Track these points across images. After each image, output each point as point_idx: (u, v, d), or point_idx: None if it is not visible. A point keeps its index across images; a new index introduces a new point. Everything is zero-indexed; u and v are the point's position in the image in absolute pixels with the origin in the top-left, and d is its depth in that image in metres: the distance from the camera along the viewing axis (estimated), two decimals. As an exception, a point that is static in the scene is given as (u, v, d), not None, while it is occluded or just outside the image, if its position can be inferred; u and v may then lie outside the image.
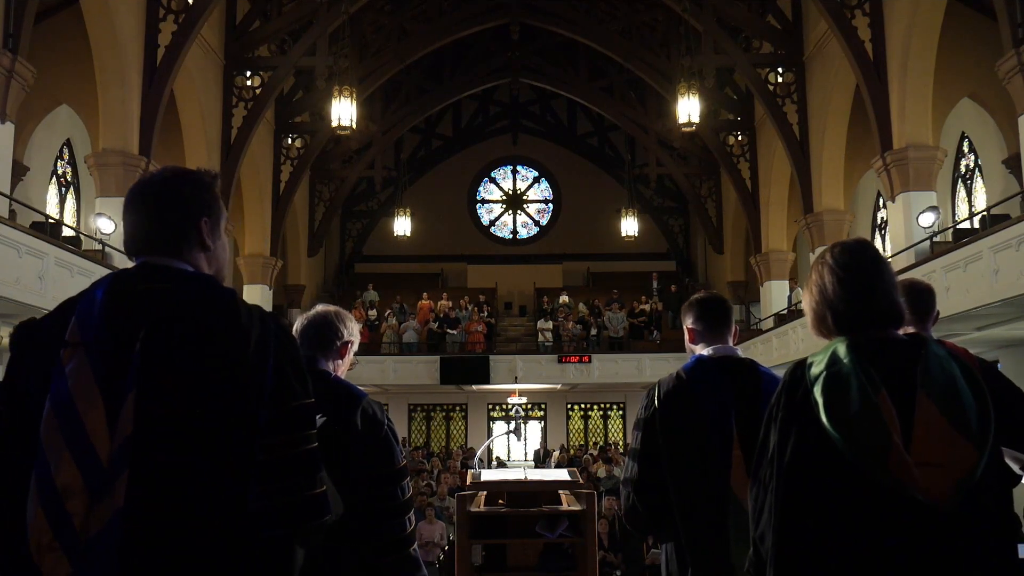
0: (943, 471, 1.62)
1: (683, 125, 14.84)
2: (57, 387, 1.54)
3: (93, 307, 1.60)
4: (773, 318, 17.87)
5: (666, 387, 2.81)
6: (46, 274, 9.47)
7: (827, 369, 1.74)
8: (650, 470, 2.74)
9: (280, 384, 1.60)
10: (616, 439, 22.51)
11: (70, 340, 1.57)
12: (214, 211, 1.75)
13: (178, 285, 1.64)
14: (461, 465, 15.40)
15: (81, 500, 1.48)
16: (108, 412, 1.51)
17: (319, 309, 2.72)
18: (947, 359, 1.76)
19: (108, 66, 12.80)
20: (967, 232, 11.97)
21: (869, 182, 17.87)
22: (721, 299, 3.03)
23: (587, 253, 26.03)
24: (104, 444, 1.50)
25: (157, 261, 1.68)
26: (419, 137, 26.52)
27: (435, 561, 10.77)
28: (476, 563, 4.11)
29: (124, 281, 1.65)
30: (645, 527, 2.87)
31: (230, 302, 1.63)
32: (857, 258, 1.84)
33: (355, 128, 15.13)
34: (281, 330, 1.66)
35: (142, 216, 1.71)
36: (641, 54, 19.20)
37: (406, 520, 2.54)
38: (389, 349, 20.76)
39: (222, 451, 1.52)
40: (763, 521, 1.75)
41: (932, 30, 12.38)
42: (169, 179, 1.73)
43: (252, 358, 1.58)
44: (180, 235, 1.70)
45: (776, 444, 1.75)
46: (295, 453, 1.61)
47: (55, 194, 16.35)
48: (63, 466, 1.49)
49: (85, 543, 1.47)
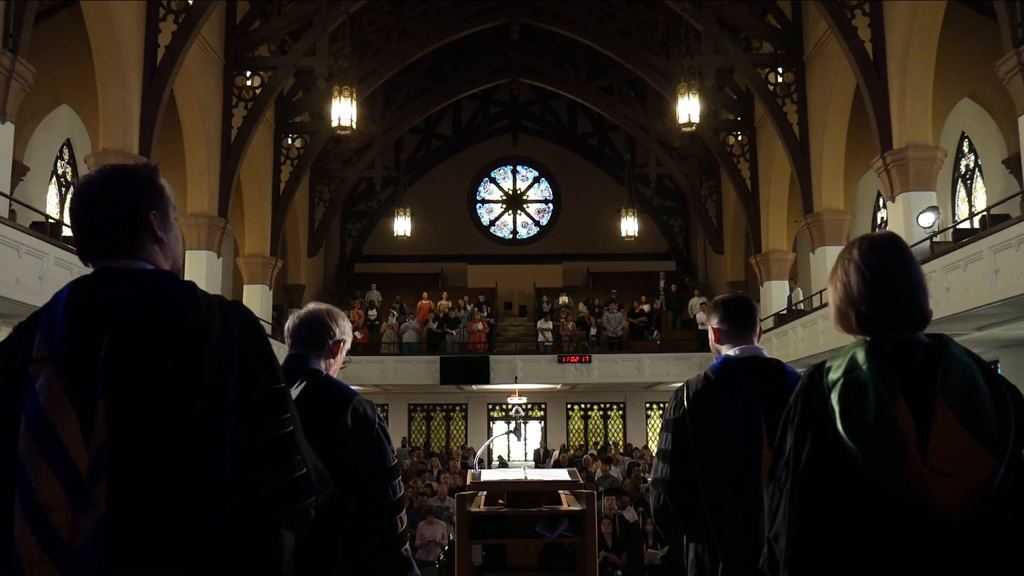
0: (958, 480, 1.61)
1: (683, 125, 14.85)
2: (29, 404, 1.55)
3: (55, 320, 1.61)
4: (773, 318, 17.86)
5: (695, 388, 2.84)
6: (46, 274, 9.47)
7: (845, 376, 1.73)
8: (681, 470, 2.76)
9: (246, 374, 1.61)
10: (616, 439, 22.51)
11: (37, 356, 1.58)
12: (161, 203, 1.73)
13: (136, 286, 1.63)
14: (461, 465, 15.40)
15: (65, 512, 1.49)
16: (82, 422, 1.52)
17: (311, 307, 2.71)
18: (969, 365, 1.73)
19: (108, 66, 12.80)
20: (967, 232, 11.97)
21: (869, 182, 17.87)
22: (746, 299, 3.06)
23: (587, 253, 26.03)
24: (81, 454, 1.51)
25: (113, 264, 1.67)
26: (419, 137, 26.53)
27: (435, 561, 10.76)
28: (476, 563, 4.11)
29: (83, 290, 1.64)
30: (676, 527, 2.88)
31: (189, 297, 1.63)
32: (885, 256, 1.80)
33: (355, 128, 15.13)
34: (243, 318, 1.66)
35: (89, 220, 1.70)
36: (641, 54, 19.20)
37: (397, 520, 2.54)
38: (389, 349, 20.76)
39: (195, 448, 1.53)
40: (778, 522, 1.75)
41: (932, 30, 12.38)
42: (108, 178, 1.71)
43: (215, 350, 1.58)
44: (131, 233, 1.69)
45: (792, 447, 1.75)
46: (269, 439, 1.61)
47: (55, 194, 16.36)
48: (44, 481, 1.51)
49: (74, 553, 1.48)
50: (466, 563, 4.01)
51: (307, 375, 2.53)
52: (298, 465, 1.64)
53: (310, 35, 16.91)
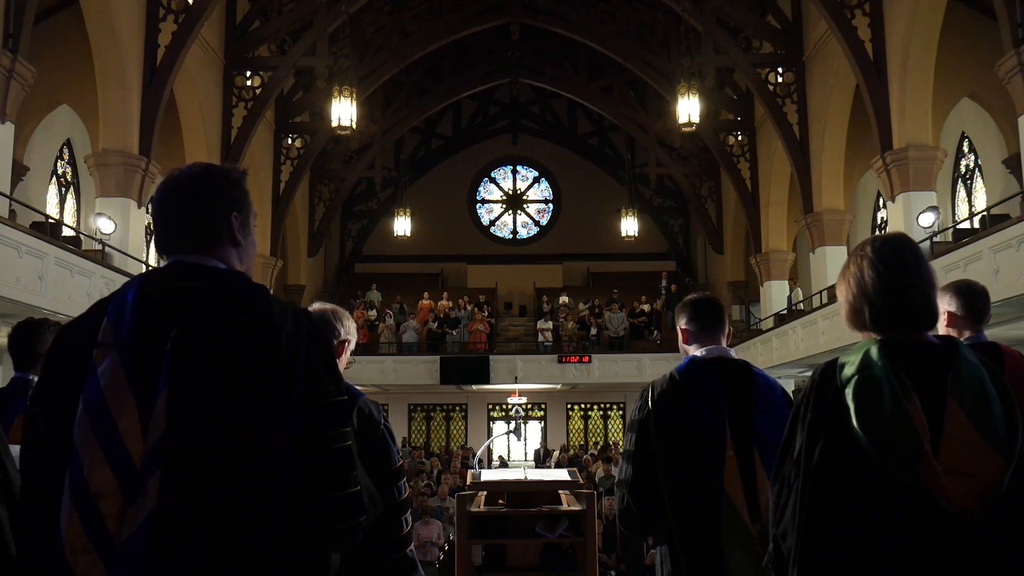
0: (970, 480, 1.62)
1: (683, 125, 14.84)
2: (89, 388, 1.53)
3: (124, 307, 1.59)
4: (773, 318, 17.86)
5: (659, 388, 2.80)
6: (46, 274, 9.47)
7: (859, 372, 1.72)
8: (644, 471, 2.73)
9: (312, 381, 1.58)
10: (616, 439, 22.52)
11: (102, 341, 1.56)
12: (244, 206, 1.73)
13: (209, 283, 1.62)
14: (461, 465, 15.40)
15: (115, 502, 1.47)
16: (141, 413, 1.50)
17: (315, 308, 2.69)
18: (977, 366, 1.73)
19: (108, 66, 12.79)
20: (967, 232, 11.96)
21: (869, 182, 17.87)
22: (714, 300, 3.03)
23: (587, 253, 26.03)
24: (137, 445, 1.49)
25: (188, 259, 1.66)
26: (419, 137, 26.52)
27: (435, 561, 10.76)
28: (476, 563, 4.11)
29: (155, 280, 1.64)
30: (640, 529, 2.86)
31: (262, 299, 1.62)
32: (899, 253, 1.81)
33: (355, 128, 15.13)
34: (313, 327, 1.64)
35: (172, 213, 1.70)
36: (641, 54, 19.19)
37: (403, 520, 2.54)
38: (389, 349, 20.76)
39: (254, 450, 1.50)
40: (786, 519, 1.75)
41: (932, 30, 12.38)
42: (198, 175, 1.72)
43: (284, 356, 1.56)
44: (210, 231, 1.68)
45: (803, 444, 1.74)
46: (327, 451, 1.59)
47: (55, 194, 16.35)
48: (96, 468, 1.48)
49: (120, 544, 1.45)
50: (466, 563, 4.01)
51: None
52: (353, 481, 1.61)
53: (310, 35, 16.91)
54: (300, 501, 1.54)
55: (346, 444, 1.62)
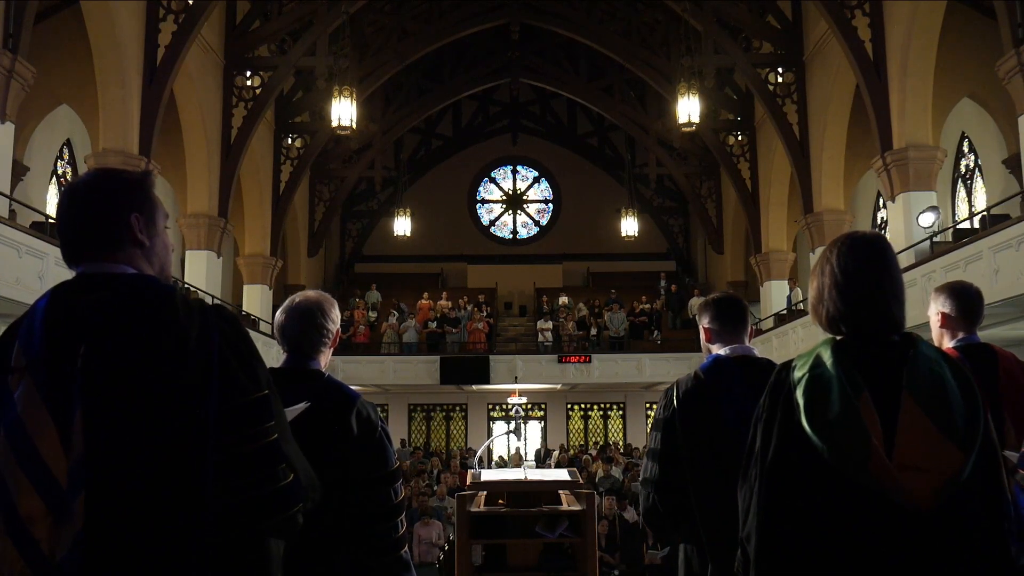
0: (926, 475, 1.60)
1: (683, 125, 14.84)
2: (7, 415, 1.51)
3: (33, 329, 1.57)
4: (773, 318, 17.87)
5: (684, 387, 2.81)
6: (46, 274, 9.46)
7: (810, 372, 1.73)
8: (671, 470, 2.74)
9: (227, 381, 1.55)
10: (616, 439, 22.52)
11: (15, 366, 1.55)
12: (146, 207, 1.69)
13: (114, 293, 1.58)
14: (461, 465, 15.40)
15: (45, 524, 1.46)
16: (61, 434, 1.48)
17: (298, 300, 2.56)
18: (937, 361, 1.73)
19: (108, 66, 12.79)
20: (967, 232, 11.97)
21: (869, 182, 17.87)
22: (738, 299, 3.04)
23: (587, 253, 26.03)
24: (60, 466, 1.47)
25: (94, 269, 1.63)
26: (419, 137, 26.52)
27: (435, 561, 10.75)
28: (476, 563, 4.11)
29: (62, 296, 1.60)
30: (666, 527, 2.84)
31: (166, 301, 1.58)
32: (862, 263, 1.78)
33: (355, 128, 15.12)
34: (224, 322, 1.61)
35: (68, 219, 1.67)
36: (641, 54, 19.20)
37: (398, 522, 2.54)
38: (389, 349, 20.75)
39: (174, 459, 1.48)
40: (749, 522, 1.75)
41: (932, 30, 12.38)
42: (90, 180, 1.69)
43: (193, 359, 1.53)
44: (108, 234, 1.65)
45: (760, 445, 1.75)
46: (252, 450, 1.56)
47: (55, 194, 16.34)
48: (23, 493, 1.47)
49: (56, 566, 1.45)
50: (466, 563, 4.01)
51: (309, 377, 2.51)
52: (283, 474, 1.59)
53: (310, 35, 16.91)
54: (232, 500, 1.52)
55: (271, 439, 1.59)
